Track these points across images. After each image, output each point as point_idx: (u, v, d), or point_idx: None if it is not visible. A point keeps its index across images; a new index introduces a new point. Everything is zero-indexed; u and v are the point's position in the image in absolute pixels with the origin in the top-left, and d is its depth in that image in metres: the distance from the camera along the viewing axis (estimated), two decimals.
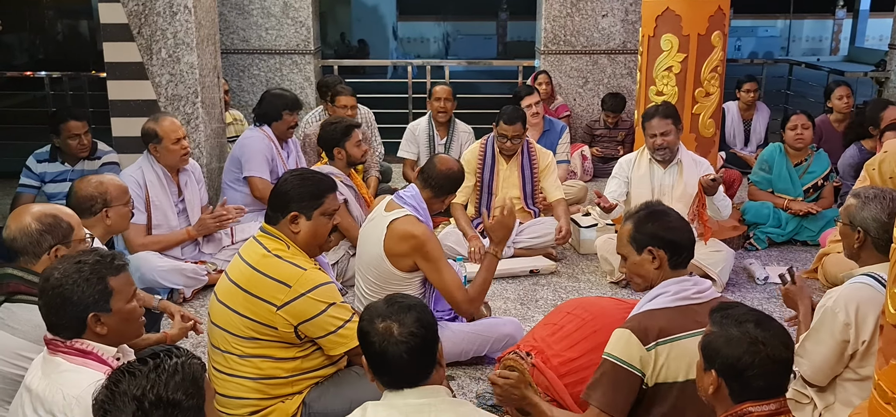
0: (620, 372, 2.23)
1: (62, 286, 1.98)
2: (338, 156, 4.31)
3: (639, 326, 2.24)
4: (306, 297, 2.52)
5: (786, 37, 23.30)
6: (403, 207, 3.14)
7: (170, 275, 3.98)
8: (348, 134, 4.28)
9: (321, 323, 2.55)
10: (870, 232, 2.56)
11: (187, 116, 4.75)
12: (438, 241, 3.18)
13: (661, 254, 2.36)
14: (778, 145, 5.15)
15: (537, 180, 4.78)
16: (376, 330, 1.86)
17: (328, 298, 2.56)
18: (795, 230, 4.97)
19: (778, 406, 1.82)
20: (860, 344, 2.44)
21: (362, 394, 2.67)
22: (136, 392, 1.55)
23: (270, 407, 2.62)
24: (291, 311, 2.52)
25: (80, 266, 2.01)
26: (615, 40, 7.27)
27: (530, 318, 3.89)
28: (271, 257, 2.57)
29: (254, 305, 2.54)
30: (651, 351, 2.21)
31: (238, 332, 2.57)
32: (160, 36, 4.65)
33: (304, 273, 2.55)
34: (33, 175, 4.59)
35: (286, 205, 2.62)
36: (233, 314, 2.57)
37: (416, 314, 1.87)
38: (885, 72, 7.57)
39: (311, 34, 7.34)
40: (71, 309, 1.98)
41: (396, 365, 1.85)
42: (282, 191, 2.65)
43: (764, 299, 4.15)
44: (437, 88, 5.68)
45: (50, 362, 1.99)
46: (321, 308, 2.54)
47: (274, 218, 2.65)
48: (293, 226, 2.63)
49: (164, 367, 1.60)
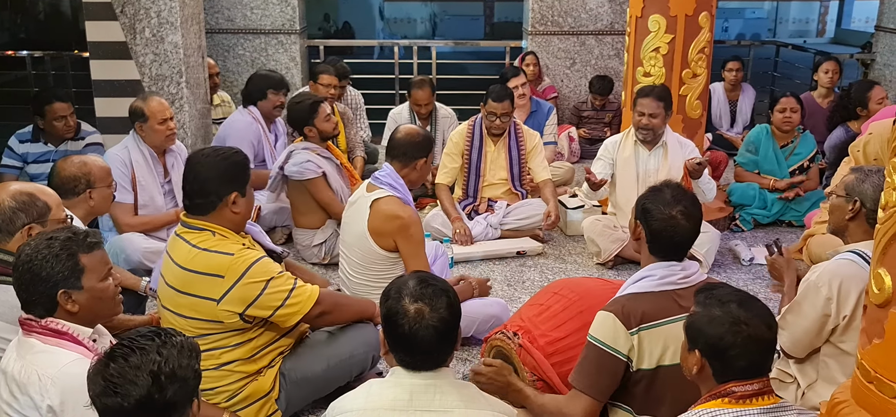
0: (604, 357, 2.24)
1: (32, 261, 1.96)
2: (310, 134, 4.28)
3: (622, 310, 2.25)
4: (241, 283, 2.48)
5: (773, 18, 23.37)
6: (382, 187, 3.14)
7: (155, 257, 3.92)
8: (315, 110, 4.25)
9: (265, 302, 2.52)
10: (866, 203, 2.57)
11: (172, 97, 4.70)
12: (421, 228, 3.19)
13: (640, 228, 2.39)
14: (764, 127, 5.17)
15: (525, 161, 4.78)
16: (406, 310, 1.85)
17: (264, 275, 2.52)
18: (781, 211, 5.00)
19: (761, 385, 1.83)
20: (841, 318, 2.47)
21: (337, 351, 2.70)
22: (152, 367, 1.54)
23: (242, 389, 2.62)
24: (231, 300, 2.49)
25: (50, 242, 1.99)
26: (603, 21, 7.25)
27: (517, 299, 3.90)
28: (198, 252, 2.52)
29: (195, 304, 2.52)
30: (634, 336, 2.22)
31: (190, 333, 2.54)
32: (144, 15, 4.59)
33: (233, 258, 2.50)
34: (15, 155, 4.54)
35: (222, 189, 2.55)
36: (179, 317, 2.56)
37: (447, 299, 1.88)
38: (871, 55, 7.61)
39: (296, 13, 7.28)
40: (40, 285, 1.96)
41: (423, 348, 1.85)
42: (210, 176, 2.55)
43: (749, 280, 4.18)
44: (417, 93, 5.53)
45: (24, 343, 1.98)
46: (260, 287, 2.50)
47: (203, 207, 2.56)
48: (234, 208, 2.58)
49: (172, 343, 1.60)
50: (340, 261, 3.33)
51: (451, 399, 1.87)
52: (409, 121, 5.61)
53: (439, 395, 1.86)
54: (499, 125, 4.64)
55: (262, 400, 2.65)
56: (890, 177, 1.88)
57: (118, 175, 3.78)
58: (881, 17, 7.50)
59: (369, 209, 3.09)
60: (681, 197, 2.36)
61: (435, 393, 1.86)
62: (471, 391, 1.95)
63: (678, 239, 2.33)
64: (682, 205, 2.32)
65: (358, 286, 3.20)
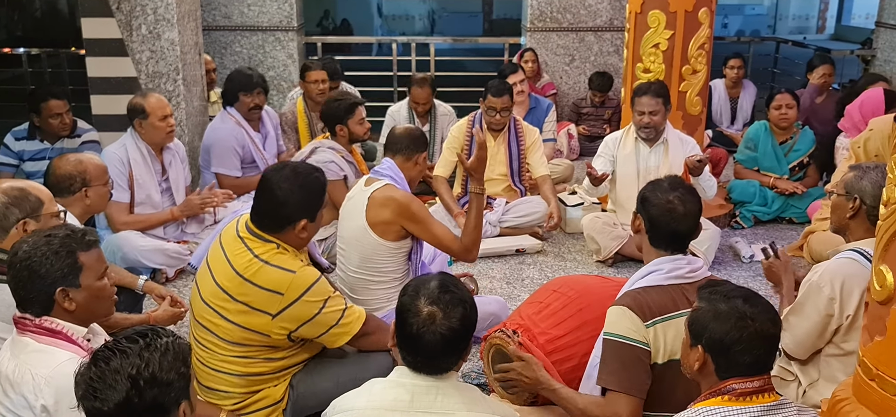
0: (628, 349, 2.19)
1: (30, 259, 1.95)
2: (340, 133, 4.23)
3: (635, 303, 2.22)
4: (301, 301, 2.48)
5: (773, 15, 23.34)
6: (381, 179, 3.13)
7: (152, 255, 3.92)
8: (352, 111, 4.21)
9: (319, 321, 2.52)
10: (866, 200, 2.55)
11: (169, 94, 4.68)
12: (421, 203, 3.17)
13: (640, 220, 2.40)
14: (763, 123, 5.15)
15: (524, 157, 4.76)
16: (419, 309, 1.84)
17: (322, 295, 2.52)
18: (781, 208, 4.98)
19: (762, 383, 1.82)
20: (844, 318, 2.45)
21: (348, 370, 2.68)
22: (131, 371, 1.52)
23: (257, 397, 2.61)
24: (287, 317, 2.48)
25: (49, 240, 1.98)
26: (602, 17, 7.23)
27: (516, 297, 3.88)
28: (260, 264, 2.49)
29: (246, 314, 2.49)
30: (650, 329, 2.20)
31: (227, 337, 2.52)
32: (140, 11, 4.57)
33: (295, 276, 2.49)
34: (11, 153, 4.51)
35: (294, 215, 2.54)
36: (223, 320, 2.52)
37: (463, 310, 1.86)
38: (872, 51, 7.60)
39: (294, 10, 7.25)
40: (39, 282, 1.94)
41: (428, 352, 1.84)
42: (286, 201, 2.53)
43: (749, 277, 4.17)
44: (416, 91, 5.50)
45: (18, 342, 1.96)
46: (318, 307, 2.50)
47: (271, 227, 2.54)
48: (302, 233, 2.57)
49: (156, 345, 1.58)
50: (338, 257, 3.32)
51: (452, 402, 1.85)
52: (408, 118, 5.59)
53: (441, 397, 1.85)
54: (499, 120, 4.62)
55: (271, 408, 2.63)
56: (891, 174, 1.86)
57: (115, 173, 3.77)
58: (881, 12, 7.48)
59: (367, 201, 3.08)
60: (678, 185, 2.39)
61: (436, 395, 1.85)
62: (473, 394, 1.92)
63: (676, 226, 2.32)
64: (679, 192, 2.35)
65: (357, 281, 3.17)
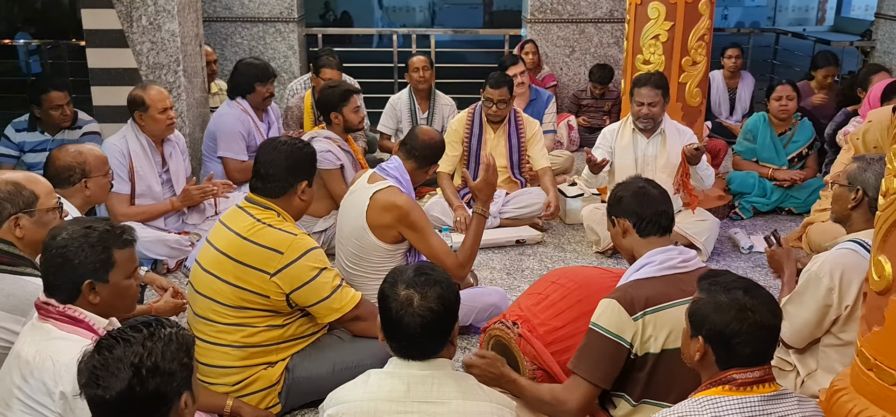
0: (606, 343, 2.23)
1: (67, 247, 1.97)
2: (335, 121, 4.20)
3: (625, 296, 2.25)
4: (299, 262, 2.55)
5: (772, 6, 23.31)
6: (386, 179, 3.11)
7: (153, 246, 3.94)
8: (346, 99, 4.18)
9: (315, 288, 2.58)
10: (868, 192, 2.57)
11: (169, 85, 4.67)
12: (422, 210, 3.17)
13: (622, 223, 2.42)
14: (762, 115, 5.15)
15: (524, 149, 4.77)
16: (397, 295, 1.87)
17: (319, 263, 2.60)
18: (780, 199, 4.99)
19: (762, 373, 1.83)
20: (843, 309, 2.47)
21: (344, 357, 2.71)
22: (133, 360, 1.54)
23: (254, 375, 2.63)
24: (285, 277, 2.55)
25: (89, 231, 2.01)
26: (602, 9, 7.22)
27: (516, 288, 3.89)
28: (261, 226, 2.59)
29: (245, 274, 2.56)
30: (638, 321, 2.21)
31: (225, 300, 2.58)
32: (140, 2, 4.56)
33: (296, 238, 2.59)
34: (12, 144, 4.52)
35: (295, 176, 2.66)
36: (220, 283, 2.58)
37: (439, 290, 1.88)
38: (871, 42, 7.58)
39: (295, 2, 7.24)
40: (70, 271, 1.97)
41: (408, 335, 1.86)
42: (286, 163, 2.66)
43: (749, 268, 4.18)
44: (414, 60, 5.56)
45: (40, 328, 1.97)
46: (314, 273, 2.57)
47: (274, 190, 2.66)
48: (302, 196, 2.70)
49: (159, 335, 1.59)
50: (337, 251, 3.32)
51: (448, 391, 1.86)
52: (409, 105, 5.58)
53: (437, 386, 1.86)
54: (496, 112, 4.62)
55: (267, 390, 2.67)
56: (890, 164, 1.87)
57: (116, 165, 3.77)
58: (881, 4, 7.46)
59: (369, 201, 3.07)
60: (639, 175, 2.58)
61: (433, 385, 1.86)
62: (469, 382, 1.94)
63: (657, 206, 2.40)
64: (642, 180, 2.49)
65: (354, 277, 3.18)
